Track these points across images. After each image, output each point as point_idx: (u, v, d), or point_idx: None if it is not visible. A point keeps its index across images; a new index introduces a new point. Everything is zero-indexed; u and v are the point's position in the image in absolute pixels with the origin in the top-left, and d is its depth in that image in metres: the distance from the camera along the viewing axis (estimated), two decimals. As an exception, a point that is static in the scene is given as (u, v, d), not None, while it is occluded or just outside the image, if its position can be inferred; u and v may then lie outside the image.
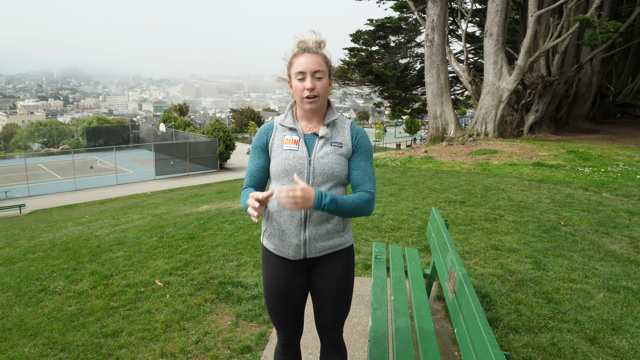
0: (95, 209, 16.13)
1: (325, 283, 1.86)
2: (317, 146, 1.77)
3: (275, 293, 1.86)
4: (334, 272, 1.85)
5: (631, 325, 2.94)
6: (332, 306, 1.87)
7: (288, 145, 1.77)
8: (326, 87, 1.75)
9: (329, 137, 1.79)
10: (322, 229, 1.78)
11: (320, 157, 1.75)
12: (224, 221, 6.28)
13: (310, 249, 1.79)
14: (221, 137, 35.81)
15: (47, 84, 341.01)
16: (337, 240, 1.83)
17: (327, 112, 1.83)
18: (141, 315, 3.36)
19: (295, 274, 1.85)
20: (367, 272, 3.98)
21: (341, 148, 1.78)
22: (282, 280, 1.85)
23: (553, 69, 16.83)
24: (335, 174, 1.76)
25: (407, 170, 10.73)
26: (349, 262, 1.88)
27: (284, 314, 1.89)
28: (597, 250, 4.46)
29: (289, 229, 1.77)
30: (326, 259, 1.84)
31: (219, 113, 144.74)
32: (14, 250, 6.26)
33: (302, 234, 1.77)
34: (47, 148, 51.26)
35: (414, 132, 60.14)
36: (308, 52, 1.73)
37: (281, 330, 1.94)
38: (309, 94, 1.72)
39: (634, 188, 7.76)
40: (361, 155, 1.81)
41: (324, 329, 1.92)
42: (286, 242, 1.79)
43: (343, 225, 1.84)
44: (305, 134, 1.80)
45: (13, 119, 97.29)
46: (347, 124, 1.85)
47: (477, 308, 1.67)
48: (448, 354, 2.74)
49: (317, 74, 1.72)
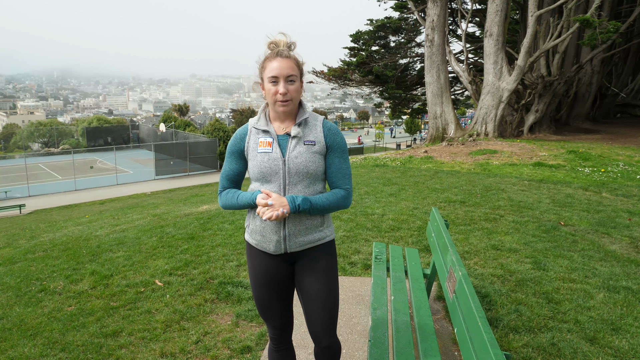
0: (95, 209, 16.13)
1: (310, 279, 1.89)
2: (291, 146, 1.82)
3: (262, 283, 1.92)
4: (317, 267, 1.89)
5: (631, 325, 2.94)
6: (320, 307, 1.88)
7: (262, 147, 1.83)
8: (298, 90, 1.81)
9: (301, 136, 1.83)
10: (300, 225, 1.84)
11: (294, 157, 1.80)
12: (224, 221, 6.28)
13: (290, 244, 1.85)
14: (221, 137, 35.83)
15: (47, 84, 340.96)
16: (316, 235, 1.89)
17: (299, 112, 1.87)
18: (141, 315, 3.36)
19: (279, 265, 1.91)
20: (367, 272, 3.98)
21: (314, 146, 1.83)
22: (267, 272, 1.91)
23: (553, 69, 16.83)
24: (310, 171, 1.81)
25: (407, 170, 10.73)
26: (330, 256, 1.93)
27: (271, 306, 1.93)
28: (597, 250, 4.46)
29: (269, 225, 1.84)
30: (307, 253, 1.90)
31: (219, 113, 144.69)
32: (14, 250, 6.26)
33: (282, 231, 1.84)
34: (47, 148, 51.26)
35: (414, 132, 60.14)
36: (280, 56, 1.78)
37: (270, 323, 1.97)
38: (282, 98, 1.77)
39: (634, 188, 7.76)
40: (334, 153, 1.87)
41: (317, 338, 1.91)
42: (267, 237, 1.86)
43: (321, 221, 1.90)
44: (279, 134, 1.85)
45: (13, 119, 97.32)
46: (319, 121, 1.89)
47: (477, 308, 1.67)
48: (448, 354, 2.74)
49: (289, 77, 1.77)
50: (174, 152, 36.09)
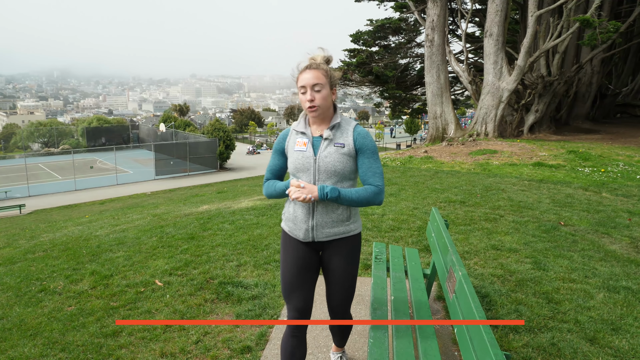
0: (95, 209, 16.13)
1: (333, 266, 2.14)
2: (322, 147, 2.04)
3: (290, 266, 2.13)
4: (340, 257, 2.13)
5: (631, 325, 2.94)
6: (339, 289, 2.16)
7: (298, 147, 2.07)
8: (326, 97, 2.00)
9: (332, 138, 2.04)
10: (327, 217, 2.06)
11: (324, 157, 2.01)
12: (224, 221, 6.28)
13: (317, 234, 2.08)
14: (221, 137, 35.82)
15: (47, 84, 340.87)
16: (342, 229, 2.09)
17: (333, 116, 2.08)
18: (141, 315, 3.35)
19: (308, 252, 2.14)
20: (367, 272, 3.98)
21: (343, 148, 2.02)
22: (296, 257, 2.13)
23: (553, 69, 16.83)
24: (338, 170, 2.01)
25: (407, 170, 10.73)
26: (353, 249, 2.15)
27: (296, 281, 2.11)
28: (597, 250, 4.46)
29: (300, 215, 2.08)
30: (334, 244, 2.12)
31: (219, 113, 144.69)
32: (14, 250, 6.26)
33: (311, 221, 2.06)
34: (47, 148, 51.25)
35: (414, 132, 60.14)
36: (309, 68, 2.00)
37: (292, 304, 2.11)
38: (309, 105, 1.99)
39: (634, 188, 7.76)
40: (364, 154, 2.04)
41: (333, 310, 2.22)
42: (298, 226, 2.09)
43: (347, 215, 2.10)
44: (314, 136, 2.08)
45: (13, 119, 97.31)
46: (351, 126, 2.07)
47: (477, 308, 1.67)
48: (448, 354, 2.74)
49: (316, 87, 1.97)
50: (174, 152, 36.10)
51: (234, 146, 37.45)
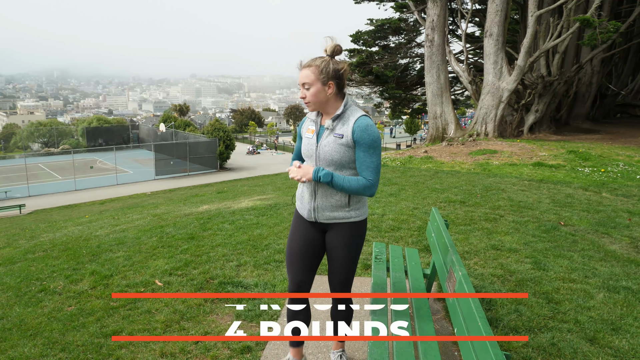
0: (95, 209, 16.13)
1: (333, 247, 2.26)
2: (324, 136, 2.16)
3: (294, 241, 2.30)
4: (341, 240, 2.23)
5: (631, 325, 2.94)
6: (338, 270, 2.28)
7: (307, 133, 2.24)
8: (316, 93, 2.10)
9: (332, 128, 2.14)
10: (326, 201, 2.19)
11: (323, 145, 2.14)
12: (224, 221, 6.28)
13: (318, 215, 2.22)
14: (221, 137, 35.80)
15: (47, 84, 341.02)
16: (341, 214, 2.20)
17: (339, 107, 2.17)
18: (141, 315, 3.35)
19: (312, 231, 2.28)
20: (367, 272, 3.97)
21: (342, 139, 2.11)
22: (301, 233, 2.30)
23: (553, 69, 16.83)
24: (335, 159, 2.12)
25: (407, 170, 10.73)
26: (351, 234, 2.23)
27: (298, 252, 2.27)
28: (597, 250, 4.46)
29: (306, 196, 2.25)
30: (335, 227, 2.23)
31: (219, 113, 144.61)
32: (14, 250, 6.26)
33: (313, 202, 2.22)
34: (47, 148, 51.24)
35: (414, 132, 60.10)
36: (302, 67, 2.12)
37: (292, 277, 2.28)
38: (304, 101, 2.14)
39: (634, 188, 7.76)
40: (360, 147, 2.10)
41: (333, 287, 2.33)
42: (303, 205, 2.27)
43: (346, 202, 2.18)
44: (322, 125, 2.20)
45: (13, 119, 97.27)
46: (354, 117, 2.12)
47: (477, 308, 1.67)
48: (448, 354, 2.74)
49: (305, 85, 2.10)
50: (174, 152, 36.09)
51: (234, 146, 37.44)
